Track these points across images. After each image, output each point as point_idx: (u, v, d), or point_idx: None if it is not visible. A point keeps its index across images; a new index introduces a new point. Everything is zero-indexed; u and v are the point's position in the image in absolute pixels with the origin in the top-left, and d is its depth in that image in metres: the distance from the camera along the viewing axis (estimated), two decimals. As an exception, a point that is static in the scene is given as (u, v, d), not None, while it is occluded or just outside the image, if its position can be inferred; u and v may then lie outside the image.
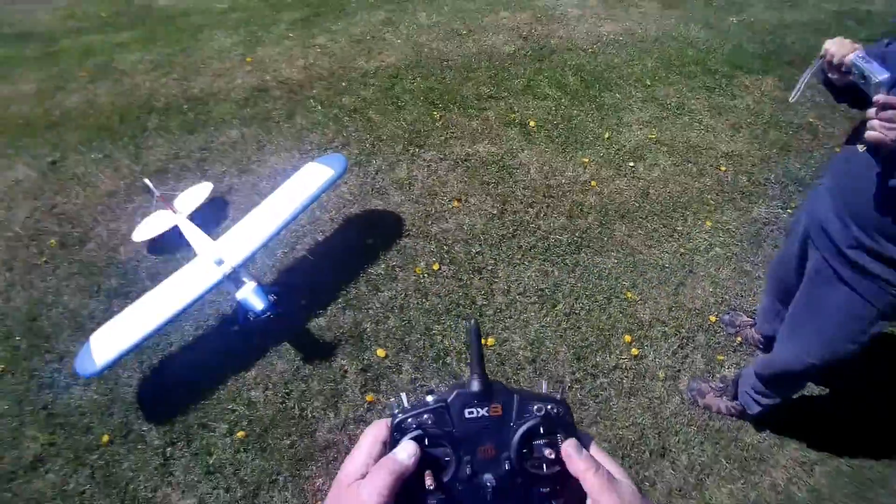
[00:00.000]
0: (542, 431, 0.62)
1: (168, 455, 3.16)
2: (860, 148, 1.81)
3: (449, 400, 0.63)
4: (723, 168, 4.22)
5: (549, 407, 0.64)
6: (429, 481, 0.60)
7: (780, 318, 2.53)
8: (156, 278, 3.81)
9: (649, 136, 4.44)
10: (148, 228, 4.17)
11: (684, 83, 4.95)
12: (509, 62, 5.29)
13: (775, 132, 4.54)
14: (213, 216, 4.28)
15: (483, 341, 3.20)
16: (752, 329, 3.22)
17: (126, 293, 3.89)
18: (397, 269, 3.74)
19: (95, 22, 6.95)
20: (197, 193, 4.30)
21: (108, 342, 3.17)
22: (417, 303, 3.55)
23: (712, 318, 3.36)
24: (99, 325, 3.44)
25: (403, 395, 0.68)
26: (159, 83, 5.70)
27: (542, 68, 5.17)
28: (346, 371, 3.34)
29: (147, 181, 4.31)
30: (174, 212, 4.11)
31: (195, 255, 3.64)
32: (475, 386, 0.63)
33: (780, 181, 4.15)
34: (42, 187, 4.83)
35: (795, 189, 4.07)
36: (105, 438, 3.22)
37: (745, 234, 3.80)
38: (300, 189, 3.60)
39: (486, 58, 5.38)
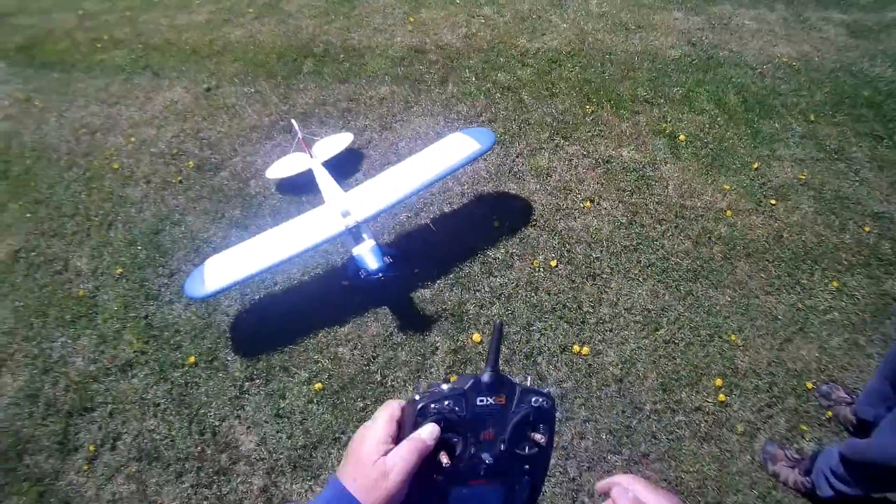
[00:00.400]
0: (530, 420, 0.79)
1: (244, 389, 3.38)
2: None
3: (466, 388, 0.76)
4: (867, 228, 4.00)
5: (542, 400, 0.81)
6: (445, 460, 0.74)
7: (888, 405, 2.41)
8: (277, 216, 4.11)
9: (799, 175, 4.30)
10: (282, 167, 4.34)
11: (851, 126, 4.68)
12: (672, 67, 5.20)
13: (937, 203, 4.23)
14: (347, 167, 4.44)
15: (574, 349, 3.36)
16: (849, 408, 3.03)
17: (246, 225, 4.18)
18: (515, 258, 3.82)
19: None
20: (337, 142, 4.41)
21: (221, 270, 3.30)
22: (526, 295, 3.64)
23: (809, 385, 3.22)
24: (214, 250, 3.72)
25: (423, 381, 0.90)
26: (321, 29, 5.94)
27: (705, 80, 5.05)
28: (437, 348, 3.42)
29: (293, 121, 4.48)
30: (311, 156, 4.24)
31: (322, 202, 3.75)
32: (487, 378, 0.76)
33: (926, 257, 3.88)
34: (193, 111, 5.23)
35: None
36: (191, 359, 3.50)
37: (871, 306, 3.60)
38: (442, 157, 3.61)
39: (649, 58, 5.31)
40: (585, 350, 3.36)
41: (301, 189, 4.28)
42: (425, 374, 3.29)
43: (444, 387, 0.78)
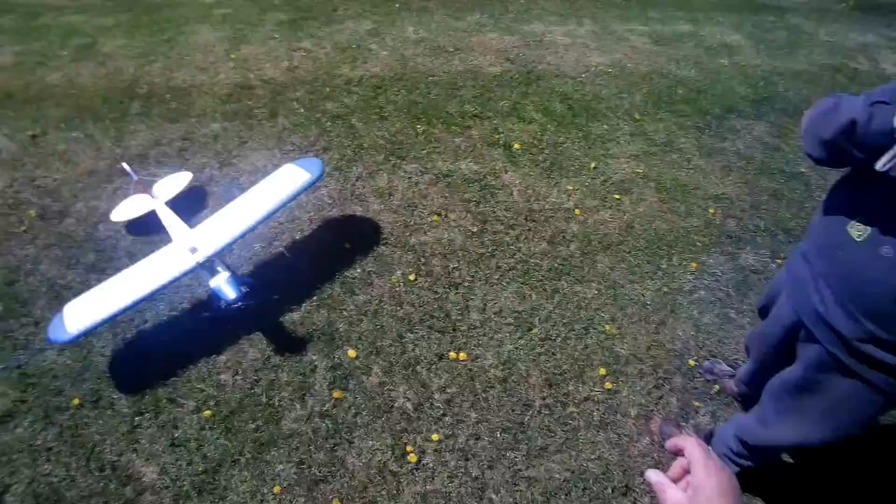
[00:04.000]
0: None
1: (136, 423, 3.26)
2: (856, 234, 1.73)
3: None
4: (711, 210, 4.20)
5: None
6: None
7: (761, 385, 2.42)
8: (133, 257, 3.92)
9: (636, 170, 4.43)
10: (126, 210, 4.27)
11: (674, 121, 4.97)
12: (495, 83, 5.29)
13: (766, 179, 4.54)
14: (192, 205, 4.33)
15: (451, 355, 3.34)
16: (732, 381, 3.12)
17: (103, 269, 3.96)
18: (373, 276, 3.74)
19: (78, 2, 6.98)
20: (176, 181, 4.40)
21: (81, 313, 3.30)
22: (391, 310, 3.55)
23: (691, 363, 3.29)
24: (75, 294, 3.55)
25: None
26: (143, 70, 5.76)
27: (529, 92, 5.17)
28: (315, 366, 3.39)
29: (125, 166, 4.41)
30: (152, 196, 4.21)
31: (171, 240, 3.75)
32: None
33: (769, 229, 4.11)
34: (22, 159, 4.91)
35: (786, 239, 4.05)
36: (76, 401, 3.32)
37: (732, 281, 3.75)
38: (276, 189, 3.67)
39: (471, 77, 5.38)
40: (463, 355, 3.31)
41: (151, 229, 4.09)
42: (309, 392, 3.28)
43: None
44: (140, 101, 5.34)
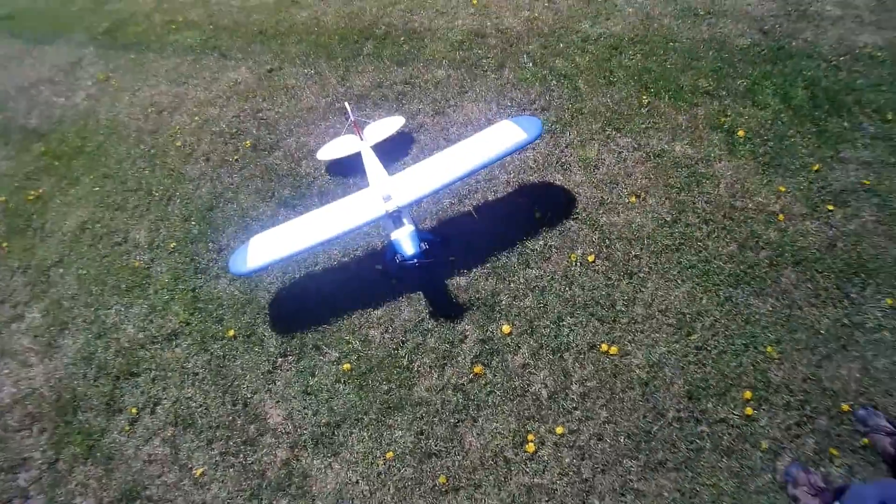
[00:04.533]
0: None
1: (277, 364, 3.65)
2: None
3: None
4: None
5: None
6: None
7: None
8: (325, 197, 4.32)
9: (864, 180, 4.08)
10: (333, 149, 4.53)
11: None
12: (739, 57, 5.01)
13: None
14: (397, 151, 4.59)
15: (602, 347, 3.40)
16: (889, 439, 2.88)
17: (294, 205, 4.43)
18: (553, 250, 3.88)
19: None
20: (387, 125, 4.54)
21: (264, 248, 3.50)
22: (560, 289, 3.70)
23: (845, 407, 3.09)
24: (262, 228, 3.90)
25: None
26: (384, 11, 6.12)
27: (772, 72, 4.84)
28: (465, 336, 3.57)
29: (347, 104, 4.65)
30: (361, 139, 4.38)
31: (368, 185, 3.89)
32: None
33: None
34: (255, 91, 5.57)
35: None
36: (231, 332, 3.80)
37: None
38: (488, 145, 3.65)
39: (715, 47, 5.14)
40: (614, 349, 3.39)
41: (350, 171, 4.46)
42: (451, 362, 3.46)
43: None
44: (374, 42, 5.75)
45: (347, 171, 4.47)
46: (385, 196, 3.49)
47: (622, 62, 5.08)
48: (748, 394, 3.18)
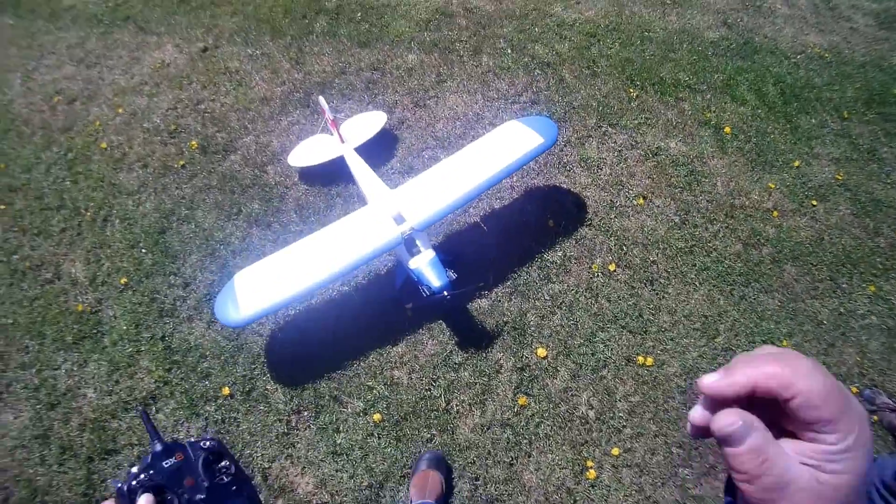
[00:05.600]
0: (210, 458, 0.99)
1: (292, 424, 3.09)
2: None
3: (150, 461, 0.97)
4: None
5: (209, 443, 1.00)
6: None
7: None
8: (304, 212, 3.77)
9: (836, 175, 4.44)
10: (307, 153, 3.90)
11: (881, 126, 4.84)
12: (711, 51, 5.21)
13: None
14: (379, 152, 4.07)
15: (639, 359, 3.37)
16: (894, 415, 3.23)
17: (268, 223, 3.81)
18: (573, 261, 3.78)
19: None
20: (368, 122, 4.00)
21: (257, 288, 2.85)
22: (587, 303, 3.61)
23: (854, 389, 3.39)
24: (234, 253, 3.43)
25: (110, 479, 1.29)
26: None
27: (744, 68, 5.09)
28: (501, 366, 3.29)
29: (321, 99, 3.95)
30: (342, 140, 3.80)
31: (359, 194, 3.39)
32: (159, 447, 0.97)
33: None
34: (189, 76, 4.70)
35: None
36: (225, 390, 3.18)
37: None
38: (501, 151, 3.29)
39: (688, 39, 5.30)
40: (650, 361, 3.43)
41: (330, 178, 3.93)
42: (491, 397, 3.23)
43: (134, 469, 0.96)
44: (326, 17, 5.07)
45: (327, 178, 3.96)
46: (396, 216, 3.01)
47: (602, 51, 5.07)
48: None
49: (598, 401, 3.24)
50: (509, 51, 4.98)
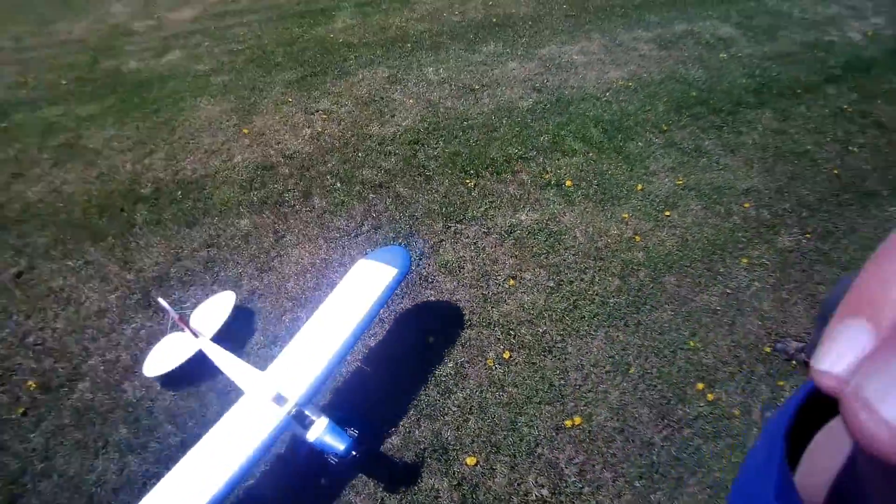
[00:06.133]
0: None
1: None
2: None
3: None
4: (746, 205, 4.60)
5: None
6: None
7: None
8: (179, 420, 3.43)
9: (677, 182, 4.78)
10: (161, 358, 3.58)
11: (695, 125, 5.34)
12: (530, 118, 5.55)
13: (782, 163, 4.98)
14: (237, 332, 3.85)
15: (567, 423, 3.37)
16: (804, 354, 3.57)
17: (144, 445, 3.37)
18: (466, 366, 3.68)
19: (54, 91, 6.29)
20: (218, 306, 3.78)
21: None
22: (495, 398, 3.52)
23: (767, 349, 3.66)
24: (115, 493, 3.03)
25: None
26: (142, 165, 5.17)
27: (564, 122, 5.46)
28: (437, 490, 3.16)
29: (161, 300, 3.66)
30: (195, 335, 3.58)
31: (236, 388, 3.18)
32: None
33: (795, 209, 4.56)
34: (7, 309, 4.17)
35: (808, 214, 4.52)
36: None
37: (776, 265, 4.16)
38: (360, 295, 3.19)
39: (505, 114, 5.63)
40: (578, 420, 3.40)
41: (195, 376, 3.59)
42: None
43: None
44: (146, 205, 4.73)
45: (192, 376, 3.58)
46: (275, 397, 2.86)
47: (429, 153, 5.23)
48: (700, 385, 3.52)
49: (546, 478, 3.18)
50: (338, 184, 4.93)
